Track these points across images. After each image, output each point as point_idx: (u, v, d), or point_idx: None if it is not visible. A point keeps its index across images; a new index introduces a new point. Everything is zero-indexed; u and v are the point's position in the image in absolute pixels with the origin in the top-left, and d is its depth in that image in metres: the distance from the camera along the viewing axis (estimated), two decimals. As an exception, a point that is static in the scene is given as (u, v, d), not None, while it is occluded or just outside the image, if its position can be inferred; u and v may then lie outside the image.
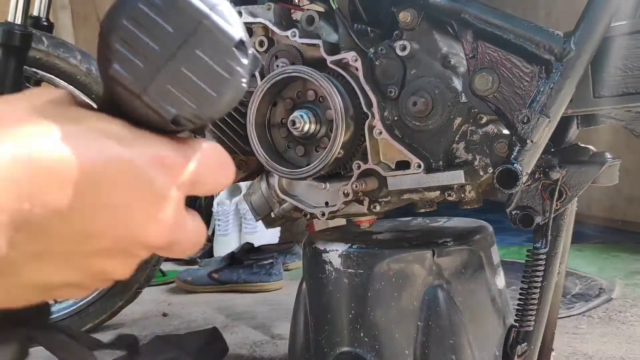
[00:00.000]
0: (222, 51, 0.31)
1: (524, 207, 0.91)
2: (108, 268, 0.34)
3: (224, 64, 0.31)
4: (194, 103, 0.31)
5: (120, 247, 0.33)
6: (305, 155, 0.94)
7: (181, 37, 0.30)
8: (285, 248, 2.52)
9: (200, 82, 0.31)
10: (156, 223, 0.32)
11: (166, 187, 0.32)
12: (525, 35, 0.82)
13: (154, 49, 0.30)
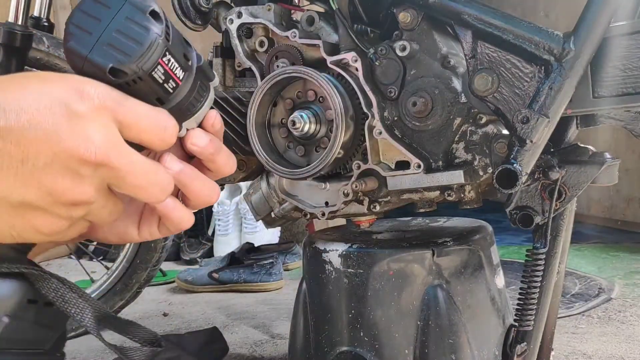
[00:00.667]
0: (139, 17, 0.43)
1: (524, 207, 0.91)
2: (59, 186, 0.41)
3: (142, 25, 0.43)
4: (122, 55, 0.42)
5: (59, 162, 0.40)
6: (305, 155, 0.95)
7: (113, 13, 0.43)
8: (285, 248, 2.52)
9: (126, 40, 0.42)
10: (81, 139, 0.40)
11: (83, 110, 0.41)
12: (525, 36, 0.82)
13: (96, 24, 0.43)
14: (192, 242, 2.80)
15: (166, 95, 0.46)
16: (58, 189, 0.41)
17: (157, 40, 0.43)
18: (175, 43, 0.46)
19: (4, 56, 1.37)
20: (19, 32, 1.38)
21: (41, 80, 0.41)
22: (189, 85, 0.48)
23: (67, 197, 0.42)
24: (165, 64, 0.44)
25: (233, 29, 0.98)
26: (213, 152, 0.51)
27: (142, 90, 0.45)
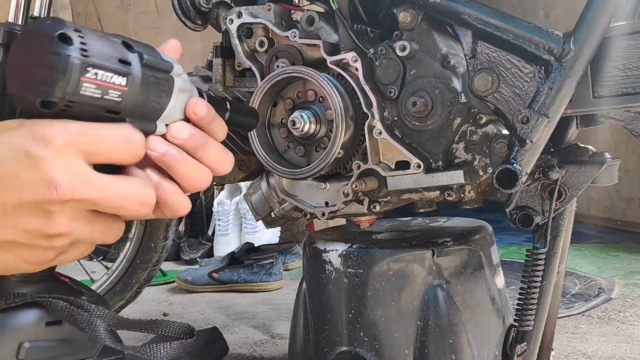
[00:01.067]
0: (49, 45, 0.43)
1: (524, 207, 0.91)
2: (31, 225, 0.44)
3: (53, 52, 0.43)
4: (45, 86, 0.43)
5: (27, 205, 0.43)
6: (305, 155, 0.95)
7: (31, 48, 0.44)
8: (285, 248, 2.52)
9: (44, 71, 0.43)
10: (42, 183, 0.43)
11: (43, 153, 0.43)
12: (525, 36, 0.82)
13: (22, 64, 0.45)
14: (192, 242, 2.80)
15: (116, 104, 0.46)
16: (31, 228, 0.45)
17: (70, 61, 0.43)
18: (103, 53, 0.45)
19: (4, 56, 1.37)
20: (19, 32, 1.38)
21: (1, 130, 0.44)
22: (137, 86, 0.47)
23: (42, 233, 0.45)
24: (93, 78, 0.44)
25: (233, 29, 0.98)
26: (196, 145, 0.51)
27: (84, 111, 0.45)
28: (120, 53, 0.47)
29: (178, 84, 0.52)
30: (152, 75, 0.49)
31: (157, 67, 0.50)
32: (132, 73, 0.47)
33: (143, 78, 0.48)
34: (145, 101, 0.49)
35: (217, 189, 2.85)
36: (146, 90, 0.49)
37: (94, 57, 0.44)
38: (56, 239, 0.46)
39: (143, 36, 3.47)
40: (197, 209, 2.86)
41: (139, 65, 0.48)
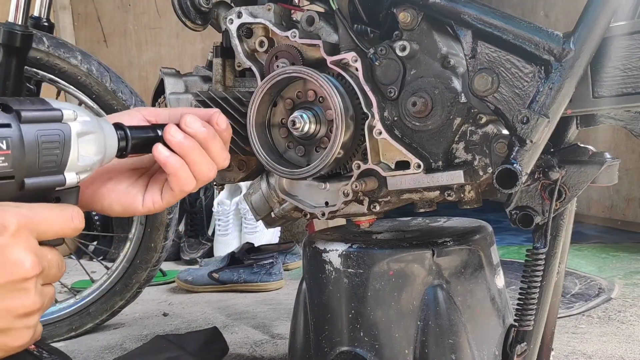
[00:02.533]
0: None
1: (524, 207, 0.91)
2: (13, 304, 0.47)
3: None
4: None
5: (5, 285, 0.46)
6: (305, 155, 0.95)
7: None
8: (285, 248, 2.52)
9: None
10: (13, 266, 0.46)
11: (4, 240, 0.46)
12: (525, 36, 0.82)
13: None
14: (192, 242, 2.80)
15: (5, 170, 0.47)
16: (13, 307, 0.47)
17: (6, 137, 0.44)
18: None
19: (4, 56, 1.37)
20: (19, 32, 1.38)
21: None
22: (20, 146, 0.47)
23: (21, 312, 0.48)
24: None
25: (233, 29, 0.98)
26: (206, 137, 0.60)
27: None
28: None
29: (75, 129, 0.51)
30: (37, 129, 0.48)
31: (42, 120, 0.49)
32: (10, 134, 0.47)
33: (25, 135, 0.47)
34: (39, 156, 0.48)
35: (217, 189, 2.85)
36: (34, 146, 0.48)
37: None
38: (32, 316, 0.49)
39: (143, 36, 3.48)
40: (197, 209, 2.86)
41: (17, 125, 0.47)
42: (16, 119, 0.48)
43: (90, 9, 3.42)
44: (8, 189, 0.48)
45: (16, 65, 1.38)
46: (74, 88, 1.59)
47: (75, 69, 1.57)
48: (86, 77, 1.58)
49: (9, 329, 0.48)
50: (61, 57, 1.55)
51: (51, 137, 0.49)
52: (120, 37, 3.47)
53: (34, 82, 1.65)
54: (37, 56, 1.52)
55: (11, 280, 0.47)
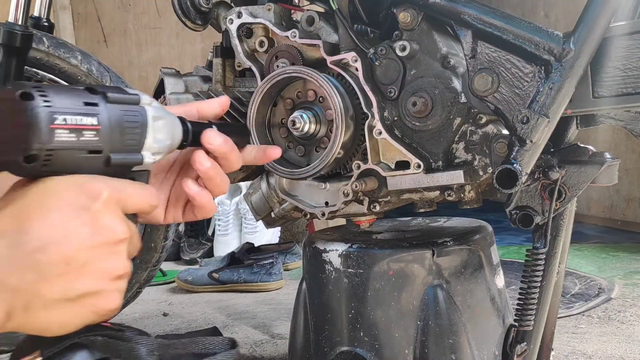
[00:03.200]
0: (13, 105, 0.47)
1: (524, 207, 0.91)
2: (109, 267, 0.50)
3: (18, 110, 0.47)
4: (22, 143, 0.46)
5: (101, 246, 0.49)
6: (305, 155, 0.95)
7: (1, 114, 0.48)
8: (285, 248, 2.52)
9: (17, 130, 0.46)
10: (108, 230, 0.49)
11: (98, 207, 0.49)
12: (525, 36, 0.82)
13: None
14: (192, 242, 2.80)
15: (94, 144, 0.50)
16: (108, 269, 0.50)
17: (34, 114, 0.46)
18: (66, 101, 0.49)
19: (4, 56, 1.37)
20: (19, 32, 1.38)
21: (53, 194, 0.48)
22: (108, 122, 0.51)
23: (114, 275, 0.51)
24: (61, 124, 0.48)
25: (233, 29, 0.98)
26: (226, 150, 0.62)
27: (68, 156, 0.49)
28: (84, 97, 0.50)
29: (151, 112, 0.55)
30: (120, 109, 0.52)
31: (124, 101, 0.53)
32: (100, 112, 0.51)
33: (112, 113, 0.51)
34: (122, 134, 0.52)
35: (217, 189, 2.85)
36: (119, 123, 0.52)
37: (57, 105, 0.48)
38: (122, 280, 0.52)
39: (143, 36, 3.48)
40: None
41: (104, 104, 0.51)
42: (103, 99, 0.52)
43: (90, 9, 3.42)
44: (96, 163, 0.51)
45: (16, 65, 1.38)
46: (74, 88, 1.58)
47: (76, 69, 1.56)
48: (86, 77, 1.57)
49: (102, 291, 0.50)
50: (61, 57, 1.55)
51: (133, 117, 0.54)
52: (120, 37, 3.47)
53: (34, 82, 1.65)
54: (37, 56, 1.51)
55: (106, 242, 0.49)
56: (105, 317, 0.52)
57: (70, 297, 0.48)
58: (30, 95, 0.47)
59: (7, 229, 0.47)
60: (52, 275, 0.47)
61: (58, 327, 0.50)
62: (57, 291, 0.47)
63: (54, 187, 0.49)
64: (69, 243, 0.47)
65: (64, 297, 0.48)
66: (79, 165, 0.50)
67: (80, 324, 0.51)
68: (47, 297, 0.47)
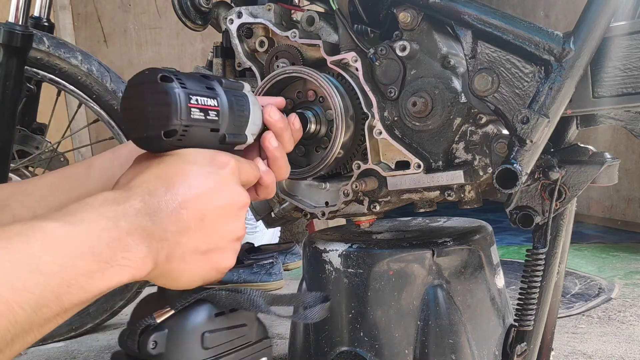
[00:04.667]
0: (155, 88, 0.53)
1: (524, 207, 0.91)
2: (231, 228, 0.57)
3: (160, 92, 0.53)
4: (163, 120, 0.53)
5: (226, 212, 0.56)
6: (305, 155, 0.95)
7: (141, 97, 0.55)
8: (285, 248, 2.52)
9: (159, 109, 0.53)
10: (235, 194, 0.57)
11: (226, 173, 0.57)
12: (525, 36, 0.82)
13: (137, 110, 0.55)
14: (192, 242, 2.80)
15: (216, 123, 0.58)
16: (231, 229, 0.57)
17: (176, 94, 0.53)
18: (194, 84, 0.56)
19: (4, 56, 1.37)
20: (19, 32, 1.38)
21: (189, 162, 0.55)
22: (225, 104, 0.59)
23: (235, 236, 0.58)
24: (195, 104, 0.54)
25: (233, 29, 0.98)
26: (283, 126, 0.69)
27: (197, 132, 0.56)
28: (205, 82, 0.58)
29: (251, 98, 0.64)
30: (232, 95, 0.60)
31: (234, 88, 0.62)
32: (219, 95, 0.58)
33: (227, 97, 0.59)
34: (234, 115, 0.60)
35: (217, 189, 2.85)
36: (232, 106, 0.60)
37: (191, 88, 0.55)
38: (239, 242, 0.59)
39: (143, 36, 3.48)
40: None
41: (221, 88, 0.59)
42: (219, 85, 0.59)
43: (90, 9, 3.42)
44: (214, 140, 0.59)
45: (16, 65, 1.38)
46: (74, 88, 1.59)
47: (76, 69, 1.57)
48: (86, 77, 1.58)
49: (225, 249, 0.57)
50: (61, 57, 1.55)
51: (241, 100, 0.62)
52: (120, 37, 3.46)
53: (34, 82, 1.65)
54: (37, 56, 1.52)
55: (234, 204, 0.57)
56: (222, 274, 0.60)
57: (202, 250, 0.55)
58: (170, 79, 0.53)
59: (155, 187, 0.52)
60: (190, 228, 0.53)
61: (187, 279, 0.56)
62: (193, 243, 0.54)
63: (190, 156, 0.55)
64: (205, 202, 0.54)
65: (197, 249, 0.54)
66: (204, 140, 0.57)
67: (204, 278, 0.58)
68: (185, 248, 0.53)
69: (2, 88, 1.36)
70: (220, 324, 0.62)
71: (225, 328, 0.62)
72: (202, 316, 0.60)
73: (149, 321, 0.57)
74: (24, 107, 1.66)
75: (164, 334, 0.57)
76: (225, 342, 0.62)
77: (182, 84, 0.54)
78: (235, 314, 0.65)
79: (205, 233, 0.54)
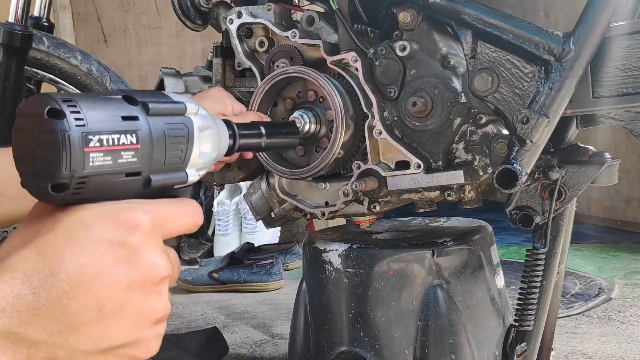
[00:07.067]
0: (41, 124, 0.40)
1: (524, 207, 0.91)
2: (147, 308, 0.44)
3: (46, 131, 0.40)
4: (50, 169, 0.40)
5: (137, 292, 0.43)
6: (305, 156, 0.95)
7: (29, 135, 0.41)
8: (285, 248, 2.52)
9: (45, 153, 0.40)
10: (148, 268, 0.43)
11: (136, 240, 0.43)
12: (525, 36, 0.82)
13: (26, 154, 0.41)
14: (192, 242, 2.80)
15: (133, 165, 0.44)
16: (147, 312, 0.44)
17: (65, 137, 0.40)
18: (100, 118, 0.42)
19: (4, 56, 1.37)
20: (19, 32, 1.38)
21: (85, 228, 0.42)
22: (149, 140, 0.44)
23: (157, 316, 0.45)
24: (97, 147, 0.41)
25: (233, 29, 0.98)
26: None
27: (104, 182, 0.42)
28: (122, 110, 0.43)
29: (197, 123, 0.49)
30: (163, 123, 0.45)
31: (167, 112, 0.46)
32: (140, 127, 0.44)
33: (153, 129, 0.44)
34: (164, 151, 0.46)
35: (217, 189, 2.85)
36: (161, 141, 0.45)
37: (92, 124, 0.41)
38: (162, 324, 0.46)
39: (143, 36, 3.48)
40: (196, 209, 2.85)
41: (145, 117, 0.44)
42: (144, 111, 0.45)
43: (90, 9, 3.42)
44: (134, 186, 0.45)
45: (16, 65, 1.38)
46: (74, 88, 1.59)
47: (75, 69, 1.56)
48: (86, 77, 1.57)
49: (140, 339, 0.45)
50: (61, 57, 1.55)
51: (177, 131, 0.46)
52: (120, 37, 3.47)
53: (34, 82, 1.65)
54: (37, 56, 1.51)
55: (146, 281, 0.43)
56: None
57: (103, 348, 0.43)
58: (61, 112, 0.40)
59: (33, 272, 0.40)
60: (82, 324, 0.41)
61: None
62: (87, 342, 0.42)
63: (86, 219, 0.42)
64: (102, 285, 0.41)
65: (95, 348, 0.42)
66: (115, 190, 0.44)
67: None
68: (74, 349, 0.42)
69: (2, 88, 1.36)
70: None
71: None
72: None
73: None
74: (23, 107, 1.66)
75: None
76: None
77: (78, 119, 0.40)
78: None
79: (105, 326, 0.42)
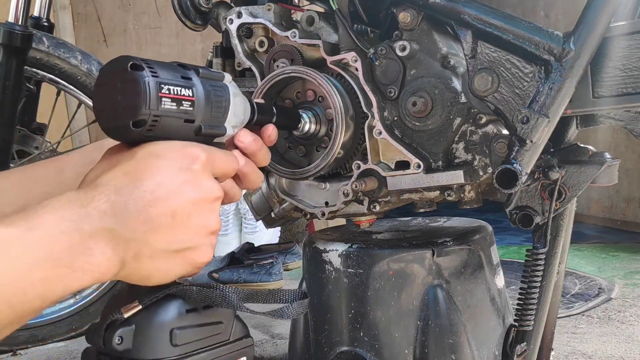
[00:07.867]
0: (125, 76, 0.51)
1: (524, 207, 0.91)
2: (206, 222, 0.55)
3: (129, 80, 0.51)
4: (132, 109, 0.51)
5: (200, 208, 0.54)
6: (305, 155, 0.95)
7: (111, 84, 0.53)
8: (285, 248, 2.52)
9: (127, 98, 0.51)
10: (207, 188, 0.55)
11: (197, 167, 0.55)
12: (525, 36, 0.82)
13: (108, 99, 0.53)
14: (192, 242, 2.80)
15: (190, 113, 0.55)
16: (205, 224, 0.55)
17: (145, 83, 0.51)
18: (167, 73, 0.54)
19: (4, 56, 1.37)
20: (19, 32, 1.38)
21: (158, 157, 0.53)
22: (201, 94, 0.56)
23: (209, 230, 0.56)
24: (167, 93, 0.53)
25: (233, 29, 0.98)
26: (256, 148, 0.67)
27: (169, 123, 0.54)
28: (180, 71, 0.56)
29: (232, 89, 0.61)
30: (210, 85, 0.58)
31: (211, 78, 0.59)
32: (194, 85, 0.56)
33: (204, 87, 0.57)
34: (211, 106, 0.58)
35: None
36: (209, 97, 0.57)
37: (162, 76, 0.53)
38: (214, 236, 0.57)
39: (143, 36, 3.48)
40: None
41: (197, 78, 0.57)
42: (196, 75, 0.57)
43: (90, 9, 3.42)
44: (189, 131, 0.56)
45: (16, 65, 1.38)
46: (74, 88, 1.59)
47: (75, 68, 1.57)
48: (86, 77, 1.58)
49: (200, 244, 0.55)
50: (61, 57, 1.55)
51: (219, 91, 0.59)
52: (120, 37, 3.46)
53: (34, 82, 1.65)
54: (37, 56, 1.52)
55: (206, 199, 0.55)
56: (198, 269, 0.57)
57: (174, 248, 0.53)
58: (140, 67, 0.52)
59: (122, 185, 0.51)
60: (160, 227, 0.52)
61: (159, 276, 0.54)
62: (163, 241, 0.52)
63: (158, 150, 0.53)
64: (175, 198, 0.52)
65: (168, 248, 0.53)
66: (176, 132, 0.55)
67: (179, 274, 0.56)
68: (154, 247, 0.52)
69: (2, 88, 1.36)
70: (192, 321, 0.60)
71: (197, 325, 0.60)
72: (171, 312, 0.59)
73: (116, 316, 0.56)
74: (23, 107, 1.66)
75: (130, 330, 0.56)
76: (197, 340, 0.60)
77: (153, 72, 0.52)
78: (209, 311, 0.62)
79: (176, 231, 0.53)
